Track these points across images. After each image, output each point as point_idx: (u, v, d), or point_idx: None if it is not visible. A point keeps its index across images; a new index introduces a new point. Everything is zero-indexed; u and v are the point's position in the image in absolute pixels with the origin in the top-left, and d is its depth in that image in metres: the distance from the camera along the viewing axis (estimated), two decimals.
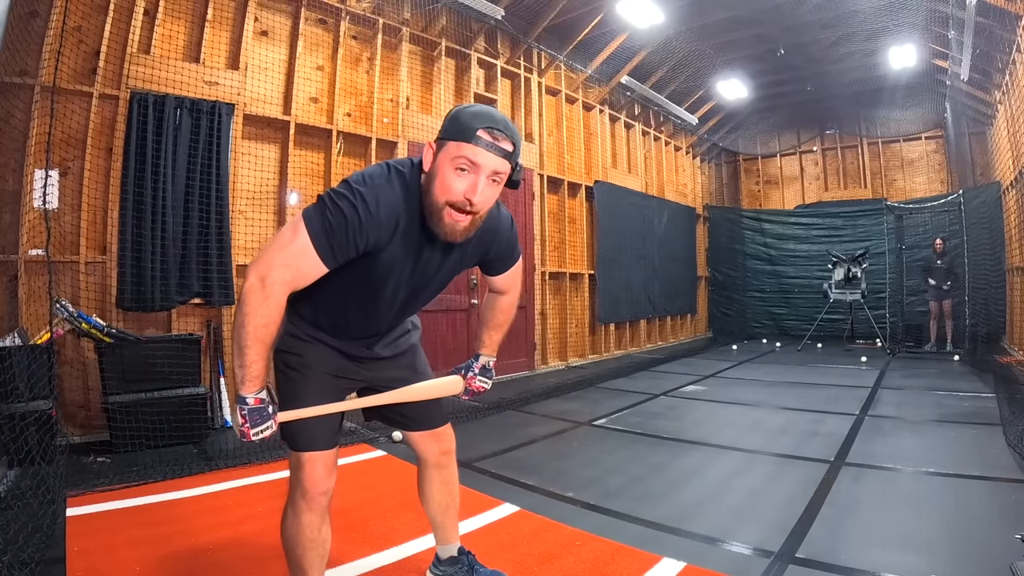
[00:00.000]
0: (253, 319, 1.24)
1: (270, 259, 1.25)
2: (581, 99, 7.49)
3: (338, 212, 1.23)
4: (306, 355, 1.46)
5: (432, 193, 1.29)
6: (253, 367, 1.27)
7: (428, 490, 1.72)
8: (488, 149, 1.25)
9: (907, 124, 9.37)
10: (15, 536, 1.99)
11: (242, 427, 1.28)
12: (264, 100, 4.43)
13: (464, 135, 1.25)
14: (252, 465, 3.08)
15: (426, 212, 1.31)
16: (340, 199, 1.24)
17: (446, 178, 1.27)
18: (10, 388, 2.85)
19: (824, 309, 8.61)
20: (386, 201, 1.28)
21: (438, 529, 1.77)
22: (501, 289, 1.67)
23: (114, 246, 3.66)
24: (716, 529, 2.23)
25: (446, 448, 1.71)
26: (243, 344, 1.25)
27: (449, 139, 1.27)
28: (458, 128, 1.26)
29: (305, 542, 1.43)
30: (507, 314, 1.71)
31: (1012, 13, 5.24)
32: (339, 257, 1.27)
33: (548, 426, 4.02)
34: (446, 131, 1.29)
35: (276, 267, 1.24)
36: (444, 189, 1.27)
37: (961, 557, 1.93)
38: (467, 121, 1.26)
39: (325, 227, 1.23)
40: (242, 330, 1.24)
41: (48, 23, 3.43)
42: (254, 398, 1.28)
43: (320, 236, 1.24)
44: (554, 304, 6.95)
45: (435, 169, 1.29)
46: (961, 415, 4.04)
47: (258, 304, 1.23)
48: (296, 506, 1.43)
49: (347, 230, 1.24)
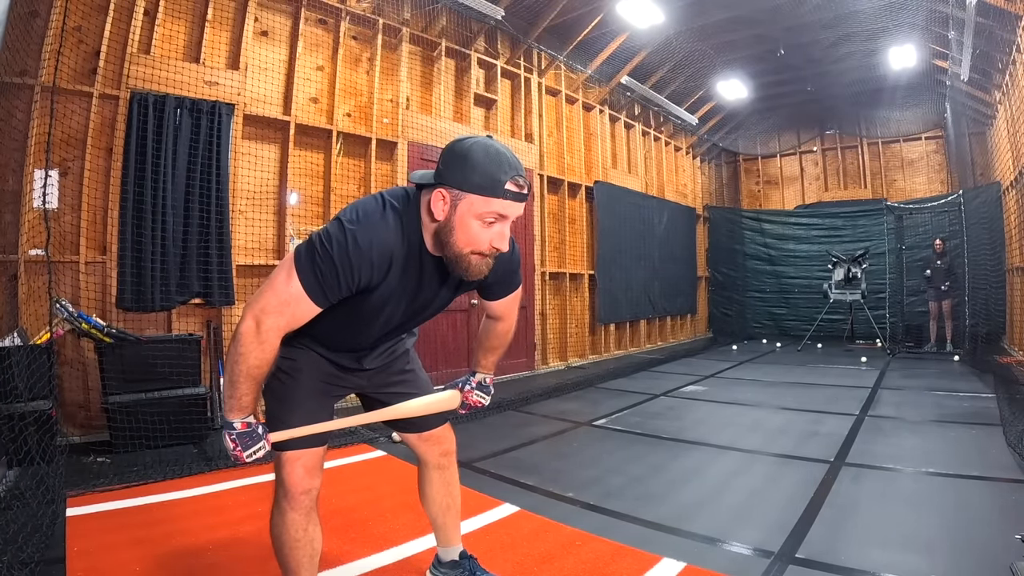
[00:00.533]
0: (247, 360, 1.26)
1: (265, 304, 1.26)
2: (581, 99, 7.49)
3: (327, 259, 1.23)
4: (298, 360, 1.46)
5: (454, 244, 1.27)
6: (243, 399, 1.30)
7: (429, 491, 1.72)
8: (516, 200, 1.25)
9: (907, 124, 9.37)
10: (15, 536, 1.99)
11: (233, 451, 1.31)
12: (264, 100, 4.43)
13: (493, 190, 1.22)
14: (252, 465, 3.07)
15: (447, 260, 1.31)
16: (331, 242, 1.23)
17: (471, 230, 1.25)
18: (10, 388, 2.85)
19: (824, 309, 8.61)
20: (379, 240, 1.26)
21: (439, 530, 1.77)
22: (498, 315, 1.63)
23: (114, 246, 3.66)
24: (716, 529, 2.23)
25: (446, 449, 1.71)
26: (235, 380, 1.28)
27: (473, 193, 1.22)
28: (483, 182, 1.21)
29: (290, 541, 1.45)
30: (503, 340, 1.68)
31: (1012, 13, 5.24)
32: (331, 298, 1.28)
33: (548, 426, 4.02)
34: (466, 183, 1.22)
35: (271, 313, 1.25)
36: (470, 240, 1.26)
37: (961, 557, 1.93)
38: (491, 172, 1.21)
39: (316, 273, 1.24)
40: (235, 367, 1.27)
41: (48, 23, 3.43)
42: (241, 423, 1.31)
43: (312, 283, 1.25)
44: (554, 304, 6.95)
45: (454, 221, 1.25)
46: (961, 415, 4.04)
47: (252, 348, 1.26)
48: (280, 506, 1.45)
49: (338, 275, 1.24)
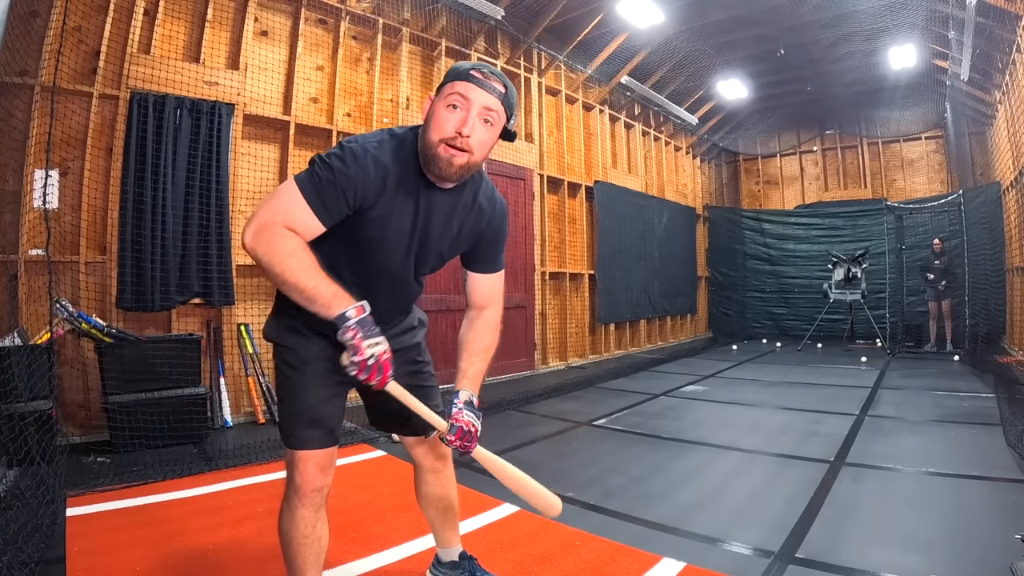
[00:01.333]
0: (277, 259, 1.19)
1: (259, 215, 1.24)
2: (581, 99, 7.49)
3: (325, 166, 1.27)
4: (301, 351, 1.42)
5: (427, 136, 1.32)
6: (323, 292, 1.20)
7: (426, 493, 1.71)
8: (479, 85, 1.30)
9: (907, 124, 9.37)
10: (15, 536, 1.99)
11: (353, 340, 1.19)
12: (264, 100, 4.43)
13: (457, 74, 1.32)
14: (252, 465, 3.08)
15: (422, 159, 1.34)
16: (328, 156, 1.29)
17: (439, 117, 1.31)
18: (10, 388, 2.85)
19: (824, 309, 8.61)
20: (374, 155, 1.31)
21: (438, 532, 1.76)
22: (482, 299, 1.57)
23: (114, 246, 3.66)
24: (716, 529, 2.23)
25: (442, 453, 1.68)
26: (294, 284, 1.20)
27: (445, 83, 1.33)
28: (452, 72, 1.34)
29: (299, 538, 1.41)
30: (492, 335, 1.55)
31: (1012, 13, 5.24)
32: (330, 209, 1.27)
33: (548, 426, 4.02)
34: (443, 80, 1.35)
35: (268, 217, 1.23)
36: (437, 127, 1.31)
37: (961, 557, 1.93)
38: (459, 65, 1.35)
39: (314, 181, 1.26)
40: (282, 277, 1.20)
41: (48, 23, 3.43)
42: (355, 308, 1.21)
43: (309, 189, 1.26)
44: (554, 304, 6.95)
45: (430, 115, 1.34)
46: (961, 415, 4.04)
47: (270, 245, 1.20)
48: (291, 502, 1.42)
49: (335, 182, 1.26)
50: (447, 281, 5.41)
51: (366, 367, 1.21)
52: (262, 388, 4.19)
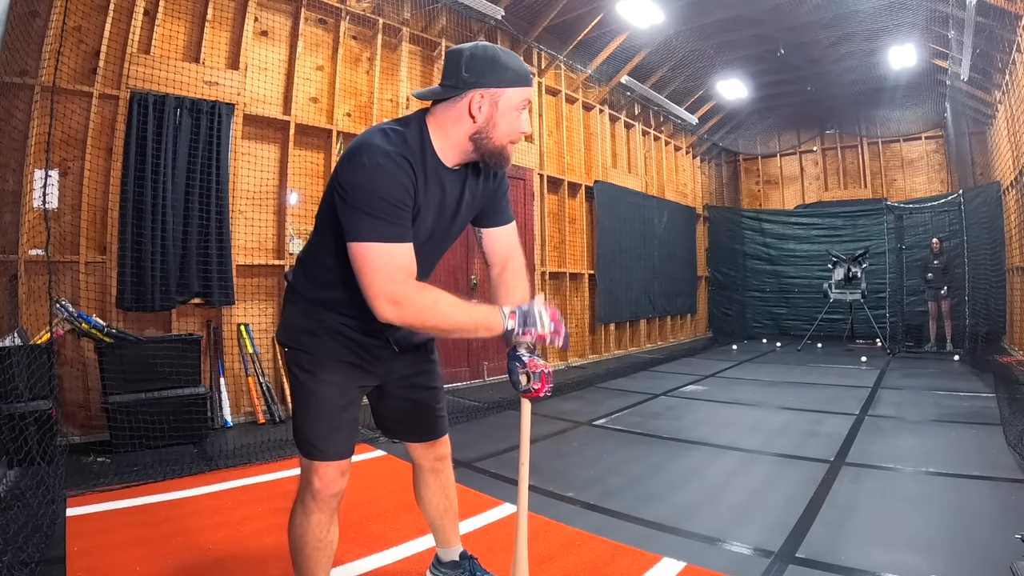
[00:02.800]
0: (425, 318, 1.23)
1: (381, 290, 1.21)
2: (581, 99, 7.49)
3: (372, 198, 1.20)
4: (319, 353, 1.38)
5: (496, 139, 1.33)
6: (478, 320, 1.29)
7: (425, 494, 1.71)
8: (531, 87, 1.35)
9: (907, 124, 9.38)
10: (15, 536, 1.99)
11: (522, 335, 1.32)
12: (264, 100, 4.43)
13: (528, 79, 1.33)
14: (252, 465, 3.08)
15: (485, 157, 1.36)
16: (361, 186, 1.20)
17: (512, 123, 1.33)
18: (10, 388, 2.85)
19: (824, 309, 8.61)
20: (397, 152, 1.25)
21: (437, 532, 1.76)
22: (504, 250, 1.56)
23: (114, 246, 3.66)
24: (716, 529, 2.23)
25: (441, 454, 1.68)
26: (455, 329, 1.29)
27: (512, 87, 1.31)
28: (518, 75, 1.32)
29: (313, 542, 1.39)
30: (522, 276, 1.56)
31: (1012, 13, 5.24)
32: (407, 224, 1.25)
33: (548, 426, 4.02)
34: (501, 78, 1.29)
35: (387, 286, 1.21)
36: (511, 131, 1.34)
37: (961, 557, 1.93)
38: (520, 66, 1.33)
39: (376, 220, 1.20)
40: (439, 328, 1.27)
41: (48, 23, 3.43)
42: (508, 313, 1.31)
43: (381, 231, 1.20)
44: (554, 304, 6.91)
45: (496, 118, 1.32)
46: (961, 415, 4.04)
47: (413, 312, 1.22)
48: (306, 506, 1.39)
49: (388, 200, 1.20)
50: (447, 281, 5.41)
51: (547, 377, 1.33)
52: (262, 388, 4.19)
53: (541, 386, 1.35)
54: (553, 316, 1.35)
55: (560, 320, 1.39)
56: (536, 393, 1.35)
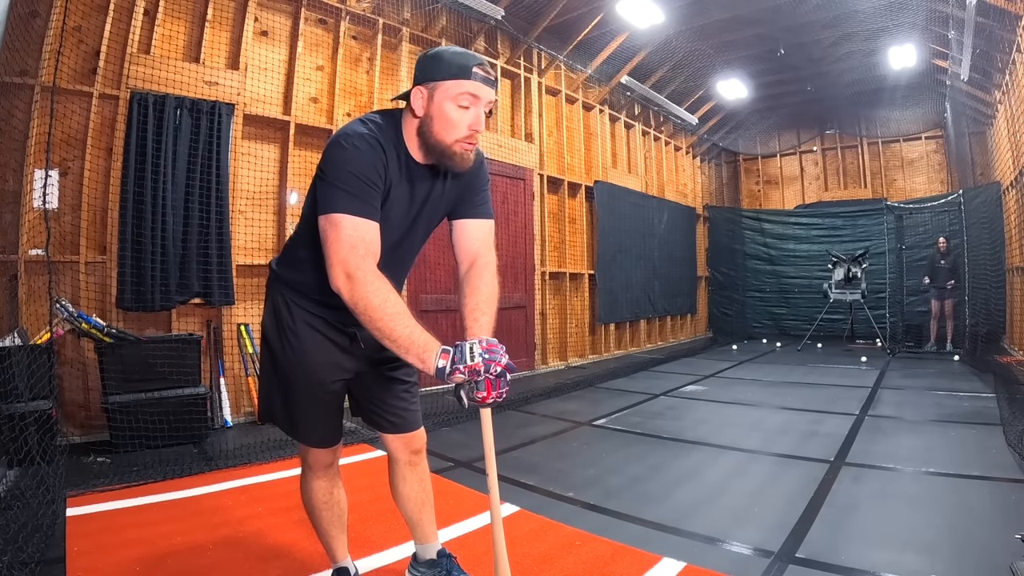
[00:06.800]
0: (370, 305, 1.22)
1: (340, 260, 1.25)
2: (581, 99, 7.49)
3: (342, 173, 1.27)
4: (298, 344, 1.48)
5: (435, 135, 1.34)
6: (415, 339, 1.21)
7: (402, 488, 1.70)
8: (484, 83, 1.34)
9: (907, 124, 9.38)
10: (15, 536, 1.99)
11: (478, 379, 1.23)
12: (264, 100, 4.43)
13: (463, 73, 1.32)
14: (252, 465, 3.08)
15: (434, 155, 1.37)
16: (335, 163, 1.28)
17: (450, 116, 1.33)
18: (10, 388, 2.85)
19: (824, 309, 8.61)
20: (374, 136, 1.33)
21: (415, 527, 1.75)
22: (469, 245, 1.53)
23: (114, 246, 3.66)
24: (716, 529, 2.23)
25: (417, 447, 1.69)
26: (388, 330, 1.21)
27: (446, 79, 1.33)
28: (452, 68, 1.33)
29: (320, 504, 1.62)
30: (490, 283, 1.49)
31: (1012, 13, 5.24)
32: (375, 203, 1.30)
33: (548, 426, 4.02)
34: (437, 72, 1.34)
35: (347, 254, 1.25)
36: (450, 128, 1.33)
37: (961, 557, 1.93)
38: (458, 60, 1.33)
39: (346, 193, 1.27)
40: (377, 324, 1.22)
41: (48, 23, 3.43)
42: (441, 352, 1.22)
43: (350, 205, 1.26)
44: (554, 304, 6.95)
45: (432, 110, 1.34)
46: (961, 415, 4.04)
47: (362, 292, 1.23)
48: (306, 476, 1.63)
49: (358, 177, 1.27)
50: (447, 281, 5.41)
51: (500, 392, 1.26)
52: None
53: (487, 393, 1.24)
54: (489, 347, 1.25)
55: (498, 350, 1.27)
56: (484, 399, 1.25)
